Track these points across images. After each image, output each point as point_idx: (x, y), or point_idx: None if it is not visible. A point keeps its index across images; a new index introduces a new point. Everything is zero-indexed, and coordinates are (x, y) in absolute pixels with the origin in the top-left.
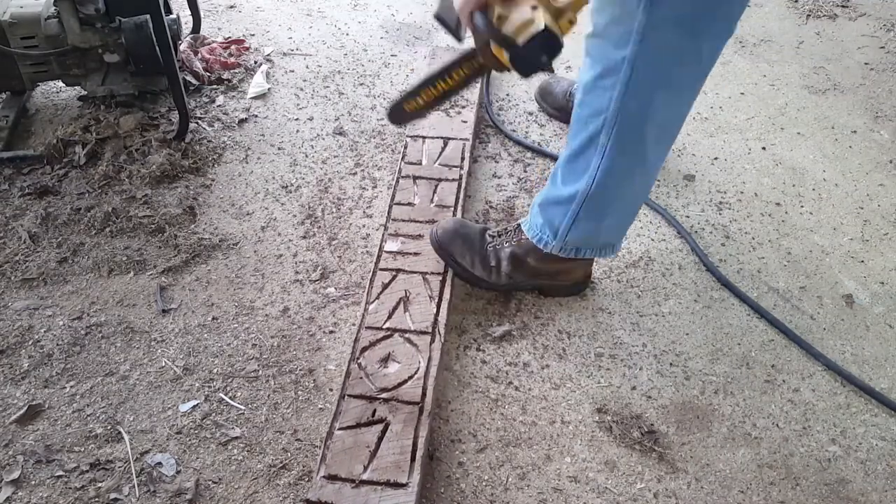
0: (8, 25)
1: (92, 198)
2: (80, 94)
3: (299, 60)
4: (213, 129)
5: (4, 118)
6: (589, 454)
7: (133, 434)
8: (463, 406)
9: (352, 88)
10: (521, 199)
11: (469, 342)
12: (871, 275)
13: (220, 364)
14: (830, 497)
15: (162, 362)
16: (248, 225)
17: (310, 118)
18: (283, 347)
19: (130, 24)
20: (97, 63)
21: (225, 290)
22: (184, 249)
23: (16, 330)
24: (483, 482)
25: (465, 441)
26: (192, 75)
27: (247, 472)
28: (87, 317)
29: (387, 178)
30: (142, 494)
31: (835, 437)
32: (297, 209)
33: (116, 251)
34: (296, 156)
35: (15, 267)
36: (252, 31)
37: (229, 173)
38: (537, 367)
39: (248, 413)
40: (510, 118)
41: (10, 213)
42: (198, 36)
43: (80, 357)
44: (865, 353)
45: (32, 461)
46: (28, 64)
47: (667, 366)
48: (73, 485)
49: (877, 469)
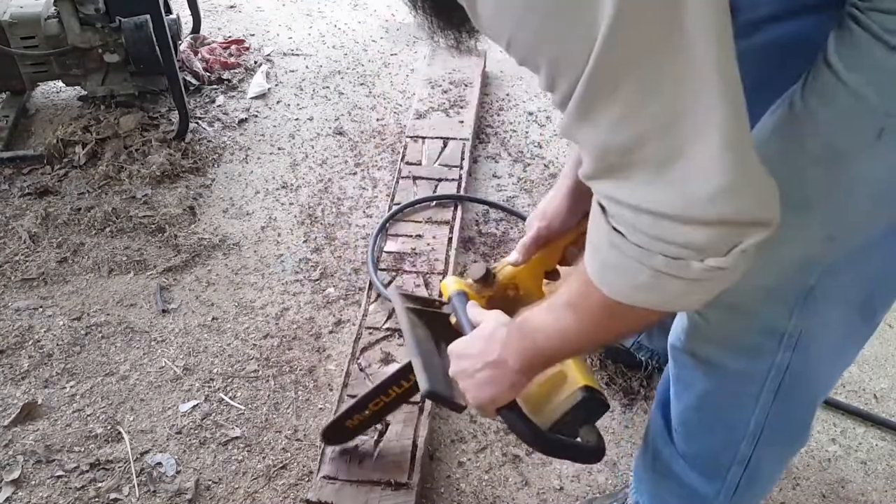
0: (8, 25)
1: (92, 198)
2: (80, 94)
3: (299, 60)
4: (213, 129)
5: (4, 118)
6: None
7: (133, 434)
8: None
9: (352, 88)
10: (520, 199)
11: None
12: None
13: (220, 364)
14: (830, 497)
15: (162, 362)
16: (248, 225)
17: (310, 118)
18: (283, 347)
19: (130, 24)
20: (97, 63)
21: (225, 290)
22: (184, 249)
23: (16, 330)
24: (483, 482)
25: (465, 441)
26: (192, 75)
27: (247, 472)
28: (87, 317)
29: (387, 178)
30: (142, 494)
31: (835, 437)
32: (297, 209)
33: (116, 251)
34: (296, 156)
35: (15, 267)
36: (252, 31)
37: (229, 173)
38: None
39: (248, 413)
40: (510, 118)
41: (10, 213)
42: (198, 36)
43: (80, 357)
44: (865, 353)
45: (32, 461)
46: (28, 64)
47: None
48: (73, 485)
49: (877, 469)
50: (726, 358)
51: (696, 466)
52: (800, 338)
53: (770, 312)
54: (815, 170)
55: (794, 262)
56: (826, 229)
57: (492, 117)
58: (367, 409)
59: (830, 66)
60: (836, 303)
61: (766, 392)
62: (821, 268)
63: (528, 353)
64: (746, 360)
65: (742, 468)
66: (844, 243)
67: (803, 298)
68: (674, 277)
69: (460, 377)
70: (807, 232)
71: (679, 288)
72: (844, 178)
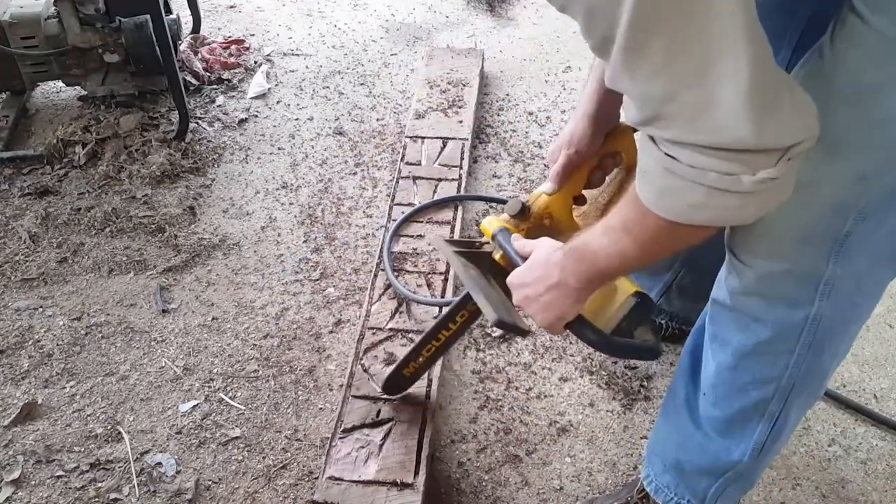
0: (8, 25)
1: (92, 198)
2: (80, 94)
3: (299, 60)
4: (213, 129)
5: (4, 118)
6: (589, 454)
7: (133, 434)
8: (463, 406)
9: (352, 88)
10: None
11: (470, 342)
12: None
13: (220, 364)
14: (830, 497)
15: (162, 362)
16: (248, 225)
17: (310, 118)
18: (283, 347)
19: (130, 24)
20: (97, 63)
21: (225, 290)
22: (184, 249)
23: (16, 330)
24: (483, 482)
25: (466, 441)
26: (192, 75)
27: (247, 472)
28: (87, 317)
29: (387, 178)
30: (142, 494)
31: (835, 437)
32: (297, 209)
33: (116, 251)
34: (296, 156)
35: (15, 267)
36: (252, 31)
37: (229, 173)
38: (538, 368)
39: (248, 413)
40: (510, 118)
41: (10, 213)
42: (198, 36)
43: (80, 357)
44: (865, 353)
45: (32, 461)
46: (28, 64)
47: (667, 366)
48: (73, 485)
49: (877, 469)
50: (766, 310)
51: (722, 431)
52: (834, 287)
53: (807, 259)
54: (846, 109)
55: (828, 204)
56: (857, 168)
57: (492, 117)
58: (421, 356)
59: (856, 10)
60: (869, 251)
61: (800, 345)
62: (854, 212)
63: (588, 273)
64: (785, 310)
65: (770, 426)
66: (876, 184)
67: (839, 245)
68: (727, 192)
69: (525, 304)
70: (838, 171)
71: (733, 202)
72: (874, 116)
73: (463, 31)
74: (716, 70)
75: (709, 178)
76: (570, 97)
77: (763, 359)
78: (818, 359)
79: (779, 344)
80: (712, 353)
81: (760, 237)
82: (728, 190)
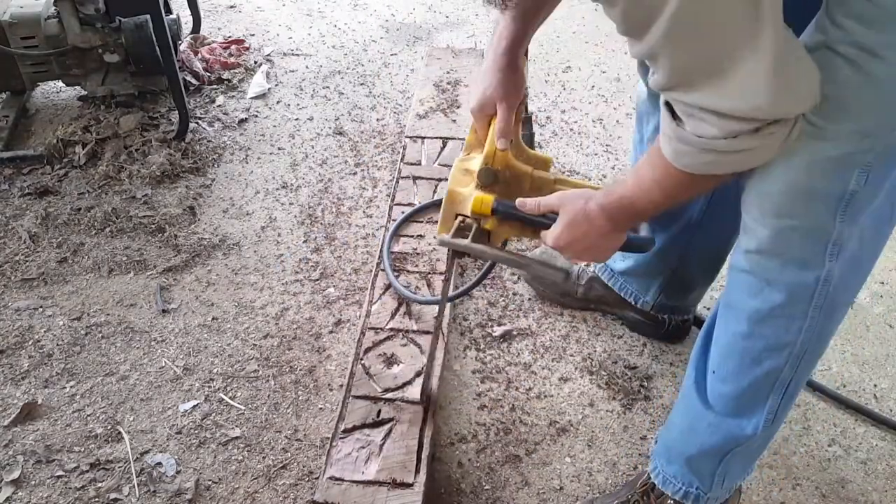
0: (8, 25)
1: (92, 198)
2: (80, 94)
3: (299, 60)
4: (213, 129)
5: (4, 118)
6: (589, 454)
7: (133, 434)
8: (463, 406)
9: (352, 88)
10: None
11: (470, 342)
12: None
13: (220, 364)
14: (830, 497)
15: (162, 362)
16: (248, 225)
17: (310, 118)
18: (283, 347)
19: (130, 24)
20: (97, 63)
21: (225, 290)
22: (184, 249)
23: (16, 330)
24: (483, 482)
25: (466, 441)
26: (192, 75)
27: (247, 472)
28: (87, 317)
29: (387, 178)
30: (142, 494)
31: (835, 437)
32: (297, 209)
33: (116, 251)
34: (296, 156)
35: (15, 267)
36: (252, 31)
37: (229, 173)
38: (538, 368)
39: (248, 413)
40: None
41: (10, 213)
42: (198, 36)
43: (80, 357)
44: (865, 353)
45: (32, 461)
46: (28, 64)
47: (667, 366)
48: (73, 485)
49: (877, 469)
50: (780, 271)
51: (732, 409)
52: (842, 248)
53: (816, 216)
54: (847, 69)
55: (833, 159)
56: (859, 125)
57: None
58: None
59: None
60: (872, 209)
61: (813, 308)
62: (858, 168)
63: (627, 218)
64: (797, 271)
65: (781, 395)
66: (878, 142)
67: (845, 204)
68: (736, 152)
69: (576, 257)
70: (843, 128)
71: (744, 156)
72: (875, 74)
73: (463, 31)
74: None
75: (717, 144)
76: (570, 97)
77: (777, 322)
78: (829, 321)
79: (792, 307)
80: (725, 323)
81: (769, 194)
82: (736, 150)
